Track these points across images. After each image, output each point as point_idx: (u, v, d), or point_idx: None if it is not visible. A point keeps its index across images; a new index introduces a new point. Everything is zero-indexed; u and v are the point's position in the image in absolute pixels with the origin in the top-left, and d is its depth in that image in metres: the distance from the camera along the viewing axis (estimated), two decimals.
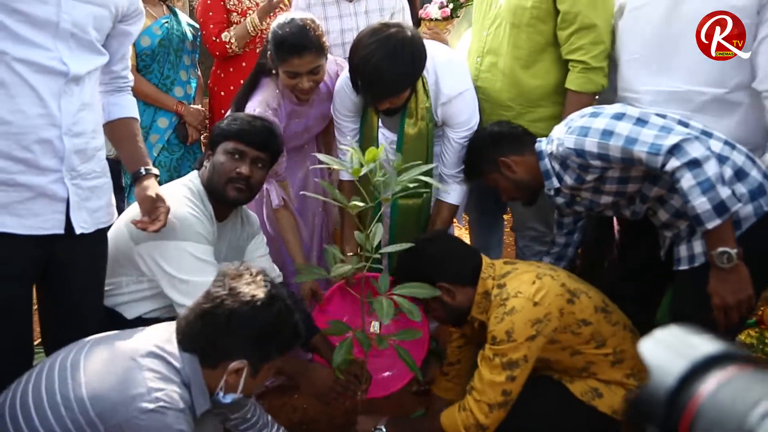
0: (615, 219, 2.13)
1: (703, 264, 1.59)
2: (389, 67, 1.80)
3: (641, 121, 1.54)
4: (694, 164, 1.45)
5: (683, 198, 1.49)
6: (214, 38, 2.63)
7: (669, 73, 1.80)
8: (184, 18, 2.73)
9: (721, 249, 1.47)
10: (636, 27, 1.88)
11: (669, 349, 0.49)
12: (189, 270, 1.64)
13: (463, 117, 2.03)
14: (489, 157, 1.89)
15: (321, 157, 1.56)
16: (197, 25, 2.76)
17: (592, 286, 1.77)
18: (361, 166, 1.52)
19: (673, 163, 1.47)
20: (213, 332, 1.29)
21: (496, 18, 2.11)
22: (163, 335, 1.34)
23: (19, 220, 1.37)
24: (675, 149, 1.47)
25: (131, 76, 1.70)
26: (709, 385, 0.45)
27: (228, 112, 2.13)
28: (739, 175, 1.56)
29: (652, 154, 1.49)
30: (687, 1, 1.74)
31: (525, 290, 1.61)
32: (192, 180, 1.81)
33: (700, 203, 1.45)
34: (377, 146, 1.98)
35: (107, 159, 2.58)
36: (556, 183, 1.77)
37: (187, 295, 1.62)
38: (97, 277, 1.63)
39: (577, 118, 1.67)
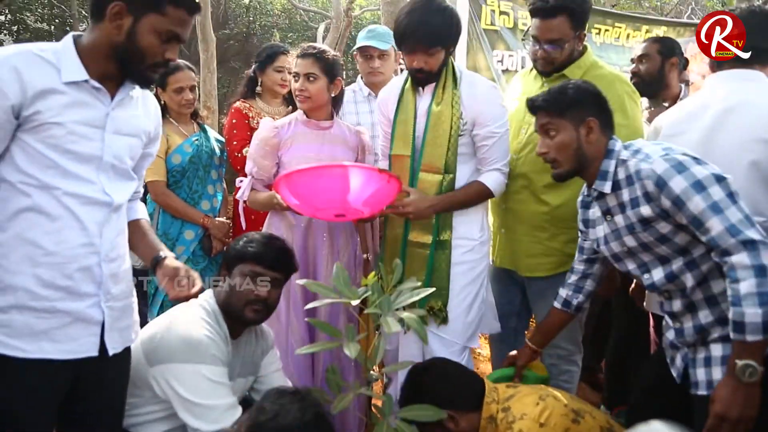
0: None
1: None
2: (426, 18, 1.99)
3: (733, 197, 1.47)
4: (762, 272, 1.39)
5: (732, 299, 1.42)
6: (236, 154, 2.78)
7: None
8: (213, 134, 2.89)
9: (747, 361, 1.42)
10: None
11: None
12: (203, 393, 1.63)
13: (496, 110, 2.12)
14: (582, 108, 1.73)
15: (306, 283, 1.55)
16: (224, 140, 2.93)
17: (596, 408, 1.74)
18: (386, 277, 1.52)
19: (742, 258, 1.41)
20: None
21: (527, 144, 2.20)
22: None
23: (56, 345, 1.40)
24: (751, 245, 1.41)
25: (141, 188, 1.79)
26: None
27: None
28: None
29: (728, 233, 1.43)
30: (721, 132, 1.78)
31: (530, 412, 1.60)
32: (207, 300, 1.83)
33: (752, 314, 1.39)
34: (413, 127, 2.12)
35: (132, 268, 2.68)
36: (608, 188, 1.68)
37: (200, 418, 1.61)
38: (121, 396, 1.64)
39: (677, 151, 1.57)
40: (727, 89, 1.85)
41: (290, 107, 2.84)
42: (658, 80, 2.79)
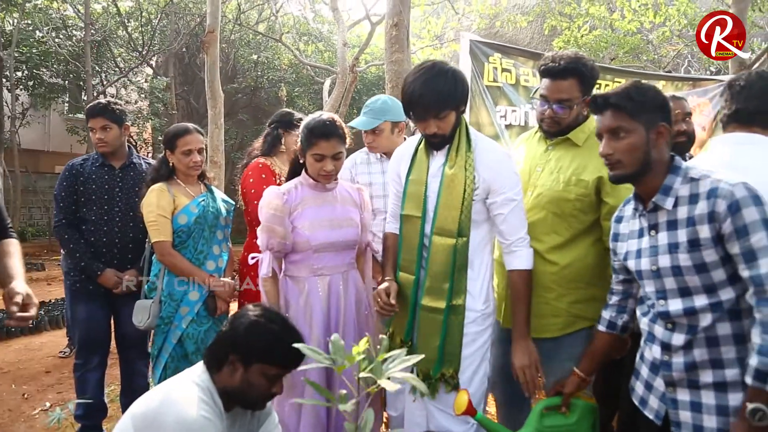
0: None
1: None
2: (431, 84, 1.99)
3: None
4: None
5: (760, 349, 1.43)
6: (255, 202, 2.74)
7: None
8: (220, 195, 2.94)
9: (758, 405, 1.43)
10: None
11: None
12: None
13: (512, 177, 2.08)
14: (657, 112, 1.65)
15: (301, 347, 1.55)
16: (232, 201, 2.97)
17: None
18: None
19: None
20: None
21: (534, 207, 2.20)
22: None
23: None
24: None
25: None
26: None
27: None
28: None
29: None
30: None
31: None
32: (200, 375, 1.76)
33: None
34: (425, 187, 2.11)
35: (138, 329, 2.69)
36: (670, 204, 1.63)
37: None
38: None
39: (758, 187, 1.55)
40: (731, 152, 1.87)
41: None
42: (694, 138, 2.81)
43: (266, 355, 1.73)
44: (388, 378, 1.47)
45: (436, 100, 2.00)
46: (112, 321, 3.02)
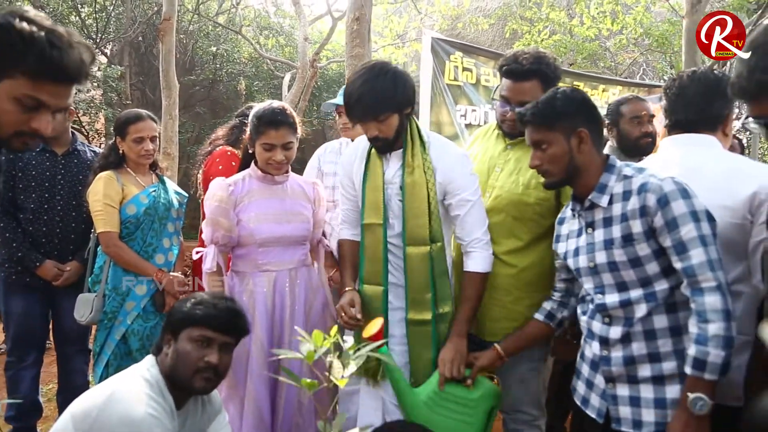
0: None
1: None
2: (370, 86, 1.92)
3: (715, 239, 1.54)
4: (728, 317, 1.46)
5: (698, 338, 1.47)
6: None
7: None
8: (172, 186, 2.82)
9: (699, 395, 1.47)
10: None
11: None
12: None
13: (468, 178, 2.04)
14: (572, 118, 1.71)
15: (277, 351, 1.50)
16: (185, 193, 2.86)
17: None
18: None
19: (715, 301, 1.46)
20: None
21: (493, 208, 2.15)
22: None
23: None
24: (723, 288, 1.47)
25: None
26: None
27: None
28: None
29: (707, 266, 1.49)
30: None
31: None
32: (149, 369, 1.69)
33: (716, 355, 1.45)
34: (383, 193, 2.04)
35: (80, 323, 2.57)
36: (605, 201, 1.67)
37: None
38: None
39: (684, 180, 1.61)
40: (682, 153, 1.89)
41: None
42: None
43: (188, 318, 1.71)
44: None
45: (374, 100, 1.93)
46: (50, 316, 2.87)
